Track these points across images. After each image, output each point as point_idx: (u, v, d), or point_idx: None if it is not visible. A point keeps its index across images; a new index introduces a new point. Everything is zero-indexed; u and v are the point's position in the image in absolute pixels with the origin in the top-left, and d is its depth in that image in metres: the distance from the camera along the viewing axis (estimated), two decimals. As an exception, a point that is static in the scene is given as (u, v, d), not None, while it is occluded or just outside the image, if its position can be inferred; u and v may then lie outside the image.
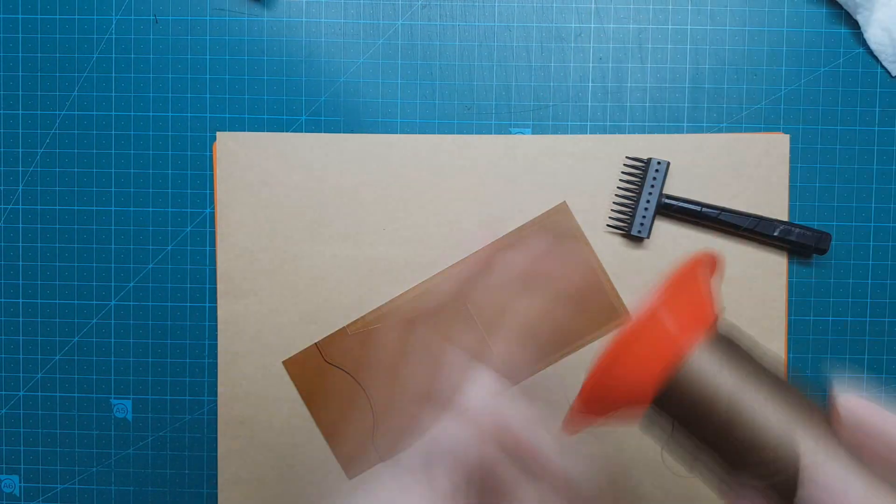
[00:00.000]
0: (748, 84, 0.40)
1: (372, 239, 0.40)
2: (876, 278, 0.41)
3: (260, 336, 0.41)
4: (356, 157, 0.40)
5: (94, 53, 0.41)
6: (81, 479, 0.42)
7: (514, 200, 0.40)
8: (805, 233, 0.39)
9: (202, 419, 0.42)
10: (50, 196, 0.41)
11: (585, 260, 0.40)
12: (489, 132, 0.41)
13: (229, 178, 0.40)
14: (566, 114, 0.41)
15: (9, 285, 0.42)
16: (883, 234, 0.40)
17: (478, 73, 0.41)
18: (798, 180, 0.40)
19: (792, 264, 0.40)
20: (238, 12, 0.41)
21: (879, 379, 0.41)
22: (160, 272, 0.41)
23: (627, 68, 0.40)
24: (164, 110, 0.41)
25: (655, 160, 0.39)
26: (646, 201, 0.39)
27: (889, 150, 0.40)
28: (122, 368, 0.42)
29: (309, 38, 0.41)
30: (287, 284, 0.40)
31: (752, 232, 0.39)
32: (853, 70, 0.40)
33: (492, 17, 0.41)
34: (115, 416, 0.42)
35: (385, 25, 0.41)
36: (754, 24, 0.40)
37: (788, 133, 0.40)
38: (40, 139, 0.41)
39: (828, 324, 0.41)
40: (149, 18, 0.41)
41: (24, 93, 0.41)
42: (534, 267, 0.40)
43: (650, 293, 0.23)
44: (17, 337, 0.42)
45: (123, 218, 0.41)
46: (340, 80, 0.41)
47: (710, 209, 0.39)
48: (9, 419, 0.42)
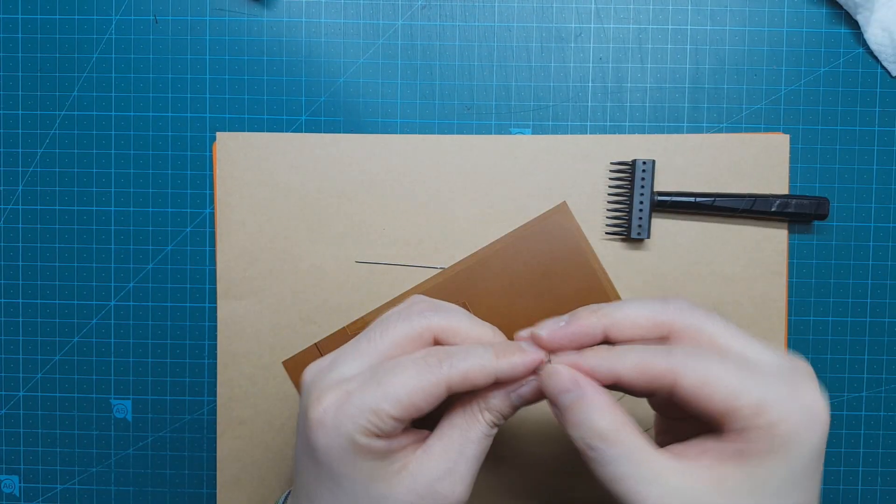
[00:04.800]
0: (748, 84, 0.40)
1: (372, 239, 0.40)
2: (876, 278, 0.41)
3: (260, 336, 0.41)
4: (356, 157, 0.40)
5: (94, 53, 0.41)
6: (81, 479, 0.42)
7: (514, 200, 0.40)
8: (802, 202, 0.39)
9: (202, 419, 0.42)
10: (50, 196, 0.41)
11: (585, 260, 0.40)
12: (489, 132, 0.41)
13: (229, 178, 0.40)
14: (566, 114, 0.41)
15: (8, 285, 0.42)
16: (883, 233, 0.40)
17: (478, 73, 0.41)
18: (798, 180, 0.40)
19: (792, 265, 0.40)
20: (238, 12, 0.41)
21: (880, 380, 0.41)
22: (160, 272, 0.41)
23: (627, 68, 0.40)
24: (163, 110, 0.41)
25: (640, 160, 0.39)
26: (639, 203, 0.39)
27: (889, 151, 0.40)
28: (122, 369, 0.42)
29: (309, 38, 0.41)
30: (287, 284, 0.40)
31: (750, 212, 0.39)
32: (853, 70, 0.40)
33: (492, 17, 0.41)
34: (115, 417, 0.42)
35: (385, 25, 0.41)
36: (754, 25, 0.40)
37: (788, 133, 0.40)
38: (40, 139, 0.41)
39: (828, 324, 0.41)
40: (148, 18, 0.41)
41: (23, 93, 0.41)
42: (534, 267, 0.40)
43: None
44: (17, 337, 0.42)
45: (123, 218, 0.41)
46: (340, 81, 0.41)
47: (705, 197, 0.39)
48: (8, 419, 0.42)
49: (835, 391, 0.41)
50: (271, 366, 0.41)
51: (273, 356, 0.41)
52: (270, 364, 0.41)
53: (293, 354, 0.41)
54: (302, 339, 0.41)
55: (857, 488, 0.41)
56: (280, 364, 0.41)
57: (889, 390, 0.41)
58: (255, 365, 0.41)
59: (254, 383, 0.41)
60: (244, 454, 0.41)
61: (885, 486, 0.41)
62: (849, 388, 0.41)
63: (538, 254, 0.40)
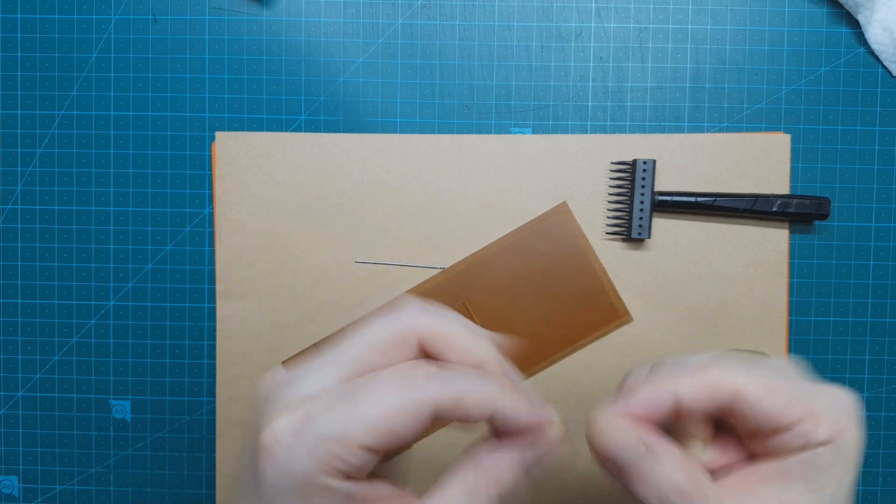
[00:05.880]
0: (749, 84, 0.40)
1: (372, 239, 0.40)
2: (877, 278, 0.40)
3: (259, 336, 0.40)
4: (356, 157, 0.40)
5: (93, 53, 0.41)
6: (80, 479, 0.42)
7: (514, 200, 0.40)
8: (803, 202, 0.39)
9: (201, 420, 0.41)
10: (48, 196, 0.41)
11: (585, 260, 0.40)
12: (489, 132, 0.41)
13: (228, 177, 0.40)
14: (566, 113, 0.41)
15: (7, 286, 0.42)
16: (884, 233, 0.40)
17: (478, 72, 0.41)
18: (799, 180, 0.40)
19: (793, 265, 0.40)
20: (237, 11, 0.41)
21: (881, 380, 0.41)
22: (159, 272, 0.41)
23: (628, 68, 0.40)
24: (162, 110, 0.41)
25: (641, 160, 0.39)
26: (640, 202, 0.39)
27: (890, 150, 0.40)
28: (121, 369, 0.42)
29: (308, 37, 0.41)
30: (286, 284, 0.40)
31: (751, 212, 0.39)
32: (854, 70, 0.40)
33: (492, 16, 0.41)
34: (114, 417, 0.42)
35: (384, 25, 0.41)
36: (755, 24, 0.40)
37: (789, 133, 0.40)
38: (39, 139, 0.41)
39: (829, 324, 0.41)
40: (148, 18, 0.41)
41: (22, 93, 0.41)
42: (534, 267, 0.40)
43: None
44: (16, 337, 0.42)
45: (122, 218, 0.41)
46: (340, 80, 0.41)
47: (706, 197, 0.39)
48: (7, 420, 0.42)
49: (836, 391, 0.41)
50: (271, 366, 0.40)
51: (273, 356, 0.40)
52: (270, 364, 0.40)
53: (293, 354, 0.40)
54: (302, 339, 0.40)
55: (858, 489, 0.41)
56: (280, 364, 0.41)
57: (890, 391, 0.41)
58: (255, 365, 0.40)
59: (253, 383, 0.40)
60: (243, 455, 0.41)
61: (886, 486, 0.41)
62: (850, 388, 0.41)
63: (538, 254, 0.40)
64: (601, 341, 0.40)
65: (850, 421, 0.22)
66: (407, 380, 0.19)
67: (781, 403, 0.21)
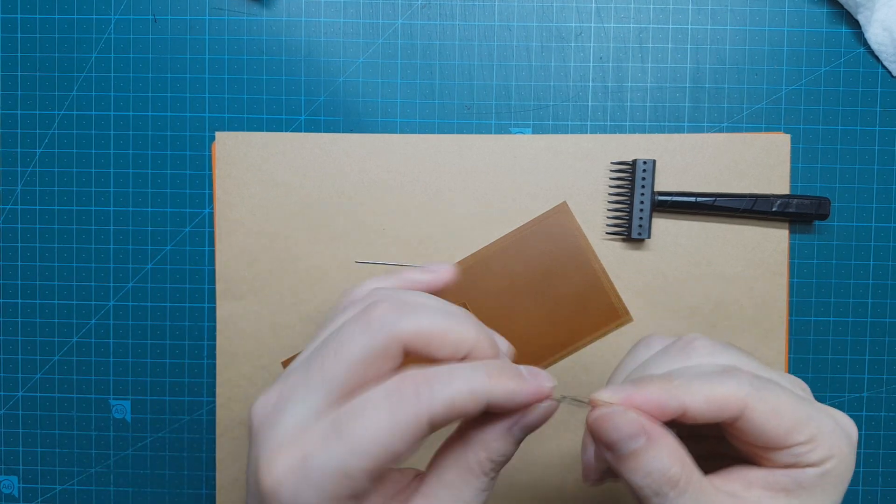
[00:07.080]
0: (749, 84, 0.40)
1: (371, 239, 0.40)
2: (877, 278, 0.40)
3: (259, 336, 0.40)
4: (356, 157, 0.40)
5: (93, 53, 0.41)
6: (80, 479, 0.42)
7: (514, 200, 0.40)
8: (803, 202, 0.39)
9: (201, 420, 0.41)
10: (48, 196, 0.41)
11: (585, 260, 0.40)
12: (489, 132, 0.41)
13: (228, 178, 0.40)
14: (566, 114, 0.41)
15: (7, 286, 0.42)
16: (884, 233, 0.40)
17: (478, 72, 0.41)
18: (799, 180, 0.40)
19: (793, 265, 0.40)
20: (237, 12, 0.41)
21: (881, 380, 0.41)
22: (159, 272, 0.41)
23: (628, 68, 0.40)
24: (162, 110, 0.41)
25: (641, 160, 0.39)
26: (640, 202, 0.39)
27: (890, 150, 0.40)
28: (121, 369, 0.42)
29: (308, 37, 0.41)
30: (287, 285, 0.40)
31: (751, 212, 0.39)
32: (854, 70, 0.40)
33: (492, 16, 0.41)
34: (114, 417, 0.42)
35: (384, 25, 0.41)
36: (755, 24, 0.40)
37: (789, 133, 0.40)
38: (39, 139, 0.41)
39: (829, 324, 0.41)
40: (147, 18, 0.41)
41: (22, 93, 0.41)
42: (534, 267, 0.40)
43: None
44: (16, 337, 0.42)
45: (122, 218, 0.41)
46: (340, 80, 0.41)
47: (706, 197, 0.39)
48: (7, 420, 0.42)
49: (835, 392, 0.41)
50: (271, 366, 0.40)
51: (272, 356, 0.40)
52: (270, 364, 0.40)
53: (293, 354, 0.40)
54: (301, 339, 0.40)
55: (858, 489, 0.41)
56: (280, 364, 0.41)
57: (890, 391, 0.41)
58: (255, 365, 0.40)
59: (253, 384, 0.40)
60: (244, 455, 0.41)
61: (886, 486, 0.41)
62: (850, 388, 0.41)
63: (538, 254, 0.40)
64: (601, 341, 0.40)
65: (845, 448, 0.22)
66: (395, 399, 0.19)
67: (785, 428, 0.21)
